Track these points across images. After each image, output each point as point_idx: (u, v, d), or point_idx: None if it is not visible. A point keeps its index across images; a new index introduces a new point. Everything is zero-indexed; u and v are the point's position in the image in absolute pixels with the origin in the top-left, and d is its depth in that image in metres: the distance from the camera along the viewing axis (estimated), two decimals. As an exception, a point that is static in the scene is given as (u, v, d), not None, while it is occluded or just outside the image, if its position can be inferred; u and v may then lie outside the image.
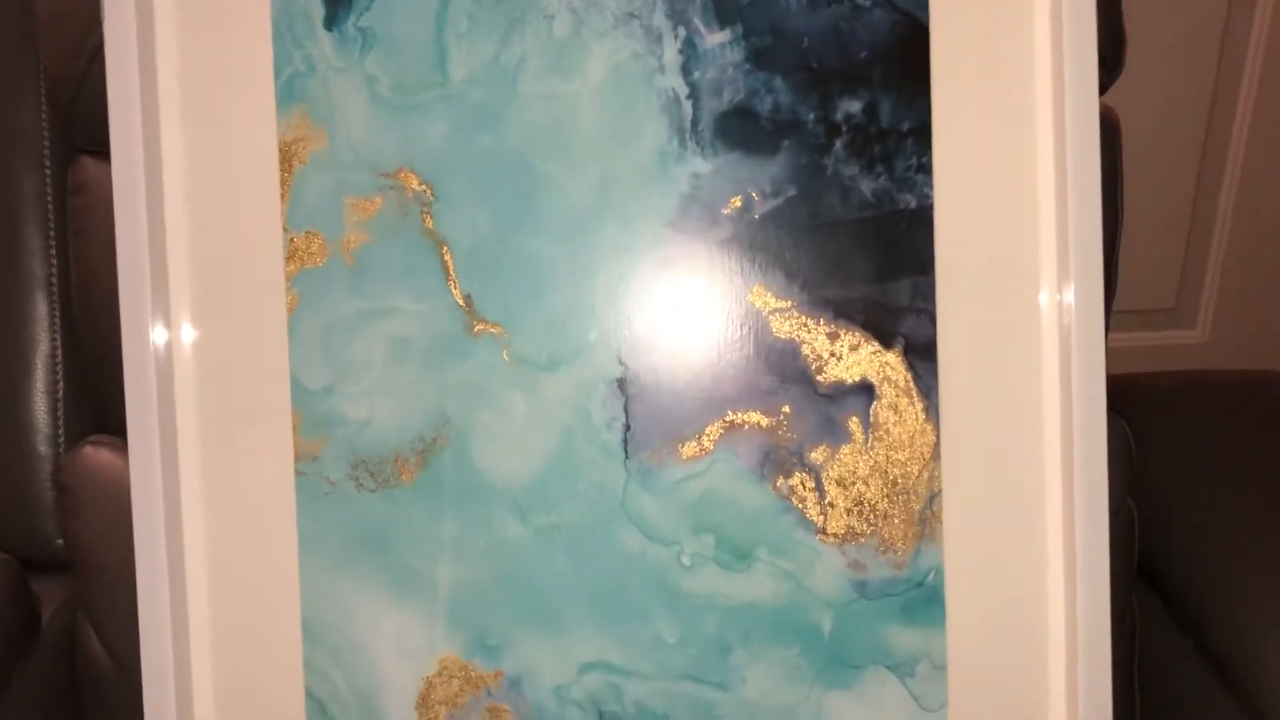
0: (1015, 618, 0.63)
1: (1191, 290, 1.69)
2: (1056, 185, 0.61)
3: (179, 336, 0.63)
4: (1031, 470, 0.62)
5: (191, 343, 0.64)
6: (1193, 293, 1.69)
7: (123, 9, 0.61)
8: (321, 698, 0.64)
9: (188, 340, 0.63)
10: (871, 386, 0.63)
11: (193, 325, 0.64)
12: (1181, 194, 1.61)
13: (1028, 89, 0.62)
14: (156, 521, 0.62)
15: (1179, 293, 1.69)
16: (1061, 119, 0.60)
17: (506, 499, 0.63)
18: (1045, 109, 0.62)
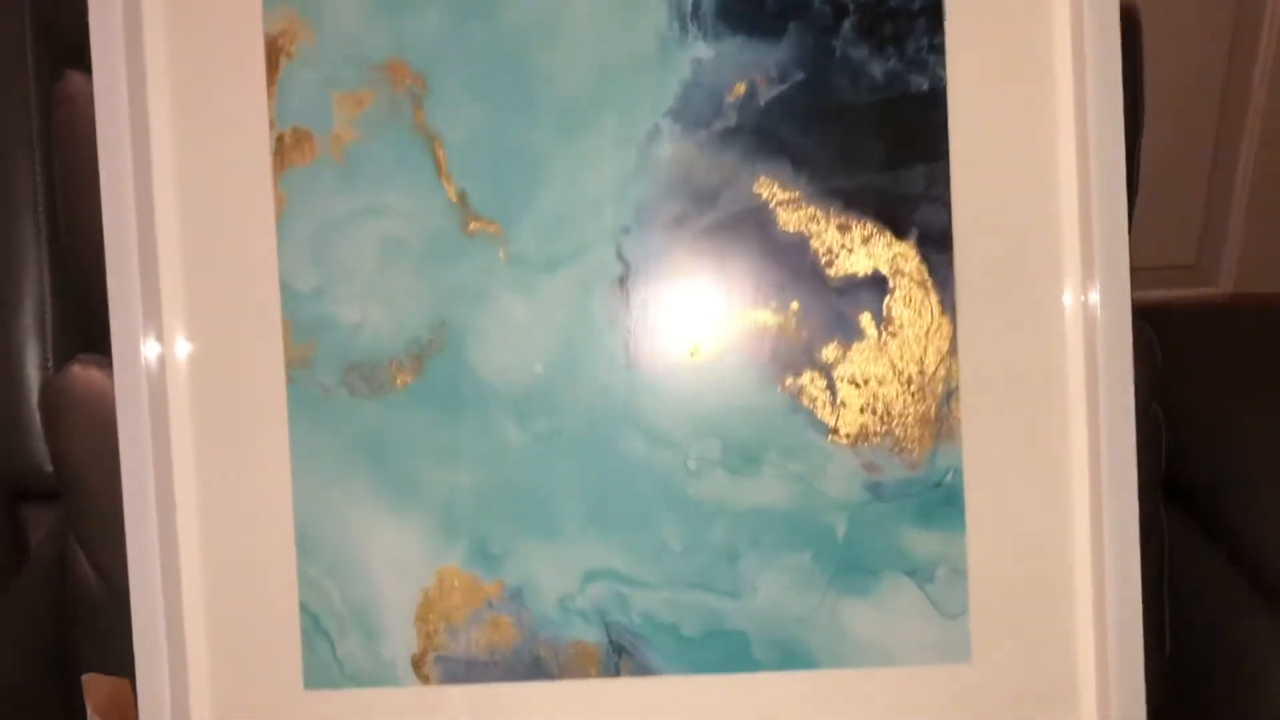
0: (1038, 520, 0.60)
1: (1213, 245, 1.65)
2: (1074, 62, 0.58)
3: (169, 237, 0.61)
4: (1054, 363, 0.60)
5: (177, 229, 0.61)
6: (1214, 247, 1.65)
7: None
8: (316, 612, 0.62)
9: (171, 227, 0.61)
10: (884, 280, 0.60)
11: (180, 227, 0.61)
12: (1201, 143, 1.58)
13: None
14: (143, 436, 0.60)
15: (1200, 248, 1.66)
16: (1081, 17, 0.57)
17: (505, 404, 0.61)
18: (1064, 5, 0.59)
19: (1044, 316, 0.60)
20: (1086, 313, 0.58)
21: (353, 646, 0.62)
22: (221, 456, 0.62)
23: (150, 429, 0.60)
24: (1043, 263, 0.59)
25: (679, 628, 0.61)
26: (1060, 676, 0.60)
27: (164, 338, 0.61)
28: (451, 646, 0.61)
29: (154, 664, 0.60)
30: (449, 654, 0.61)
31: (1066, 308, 0.59)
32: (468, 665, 0.61)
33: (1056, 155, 0.59)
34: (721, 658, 0.61)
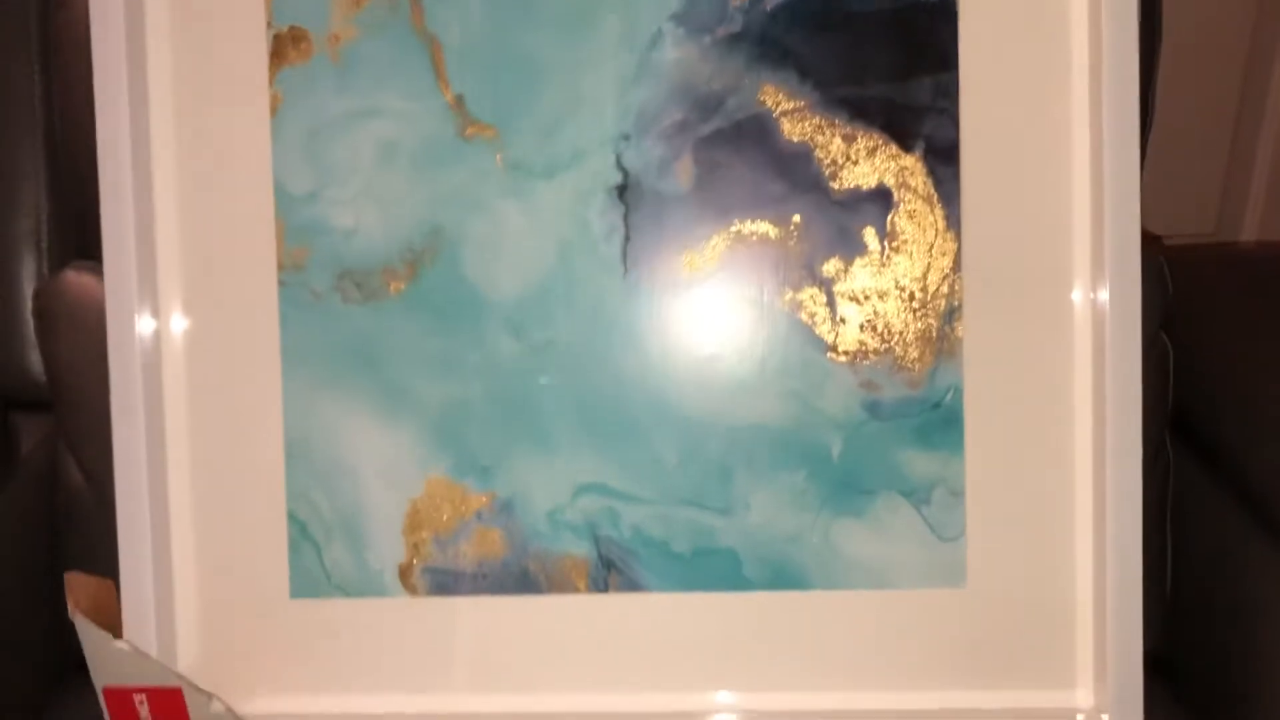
0: (1039, 442, 0.59)
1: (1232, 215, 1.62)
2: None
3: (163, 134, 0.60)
4: (1061, 286, 0.58)
5: (174, 142, 0.60)
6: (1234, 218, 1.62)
7: None
8: (303, 521, 0.61)
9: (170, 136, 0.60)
10: (889, 193, 0.59)
11: (174, 123, 0.60)
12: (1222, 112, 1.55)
13: None
14: (131, 339, 0.59)
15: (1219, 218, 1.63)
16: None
17: (499, 314, 0.60)
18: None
19: (1051, 232, 0.58)
20: (1095, 230, 0.57)
21: (340, 556, 0.61)
22: (212, 360, 0.61)
23: (139, 332, 0.59)
24: (1052, 177, 0.58)
25: (669, 544, 0.60)
26: (1057, 602, 0.59)
27: (156, 237, 0.60)
28: (439, 558, 0.61)
29: (139, 568, 0.59)
30: (437, 565, 0.61)
31: (1074, 224, 0.58)
32: (455, 577, 0.61)
33: (1070, 68, 0.58)
34: (712, 576, 0.60)
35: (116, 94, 0.58)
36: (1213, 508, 0.65)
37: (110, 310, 0.58)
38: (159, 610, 0.60)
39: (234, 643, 0.61)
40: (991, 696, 0.59)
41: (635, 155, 0.59)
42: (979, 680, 0.59)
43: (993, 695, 0.59)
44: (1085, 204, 0.58)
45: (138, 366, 0.59)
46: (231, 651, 0.61)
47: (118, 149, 0.58)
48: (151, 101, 0.60)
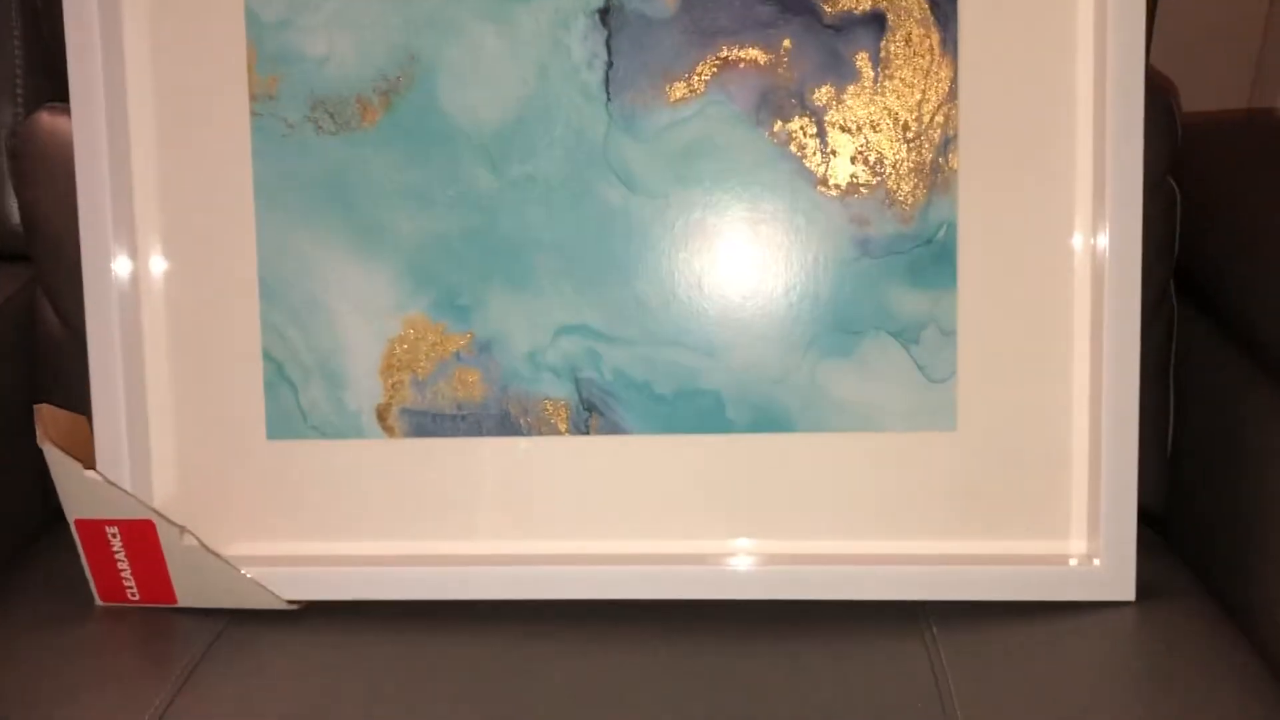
0: (1035, 281, 0.56)
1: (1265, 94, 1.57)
2: None
3: None
4: (1061, 116, 0.55)
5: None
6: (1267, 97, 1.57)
7: None
8: (279, 360, 0.60)
9: None
10: (883, 16, 0.56)
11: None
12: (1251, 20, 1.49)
13: None
14: (102, 172, 0.57)
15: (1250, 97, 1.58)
16: None
17: (476, 146, 0.58)
18: None
19: (1052, 57, 0.55)
20: (1099, 74, 0.54)
21: (317, 397, 0.60)
22: (184, 193, 0.60)
23: (110, 167, 0.57)
24: (1055, 6, 0.55)
25: (651, 386, 0.58)
26: (1051, 448, 0.57)
27: (126, 65, 0.58)
28: (417, 399, 0.59)
29: (113, 405, 0.58)
30: (415, 407, 0.59)
31: (1078, 46, 0.55)
32: (434, 419, 0.59)
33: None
34: (694, 417, 0.58)
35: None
36: (1217, 360, 0.63)
37: (77, 138, 0.57)
38: (132, 449, 0.59)
39: (210, 483, 0.60)
40: (983, 543, 0.58)
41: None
42: (970, 526, 0.58)
43: (984, 542, 0.58)
44: (1089, 42, 0.55)
45: (108, 199, 0.58)
46: (207, 492, 0.60)
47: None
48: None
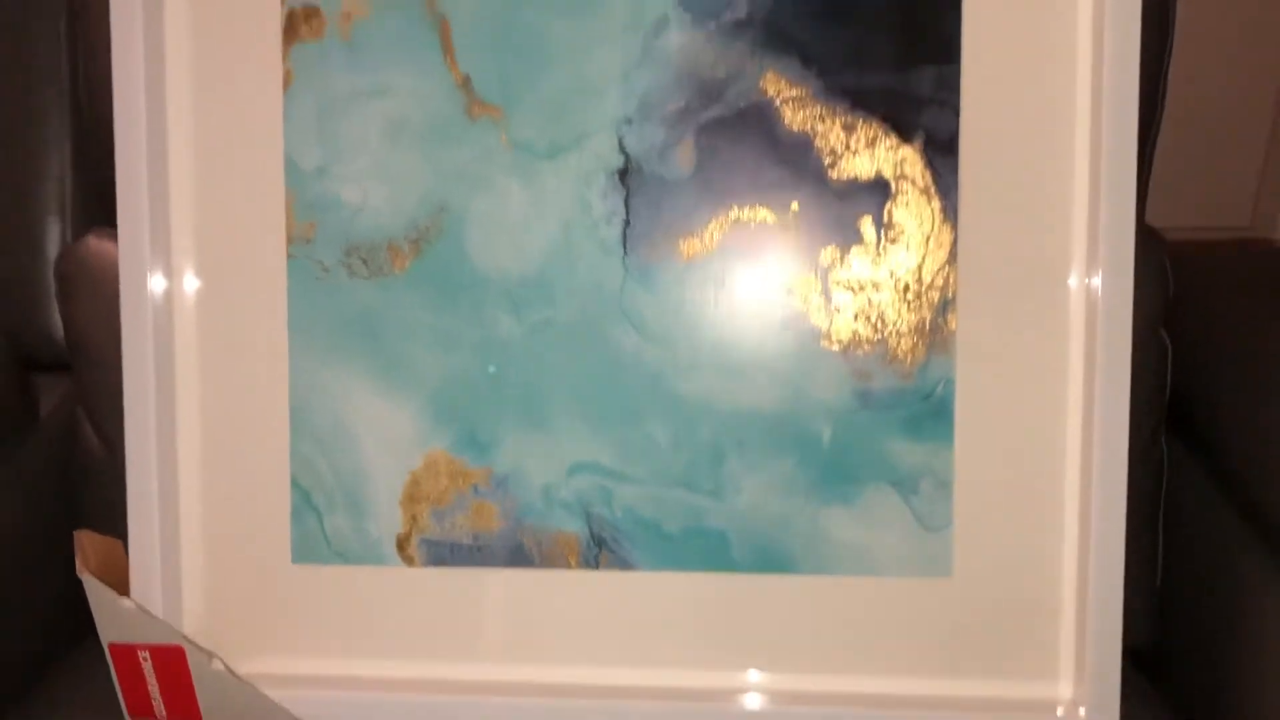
0: (1028, 436, 0.59)
1: (1268, 209, 1.60)
2: None
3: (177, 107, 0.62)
4: (1056, 280, 0.58)
5: (189, 100, 0.62)
6: (1269, 212, 1.60)
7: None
8: (306, 488, 0.63)
9: (185, 108, 0.62)
10: (887, 184, 0.59)
11: (190, 94, 0.62)
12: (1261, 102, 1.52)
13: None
14: (145, 309, 0.61)
15: (1254, 211, 1.61)
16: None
17: (501, 292, 0.61)
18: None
19: (1049, 227, 0.58)
20: (1092, 230, 0.57)
21: (341, 524, 0.63)
22: (221, 327, 0.63)
23: (151, 292, 0.61)
24: (1052, 172, 0.58)
25: (660, 524, 0.61)
26: (1042, 595, 0.59)
27: (170, 206, 0.62)
28: (436, 530, 0.62)
29: (146, 529, 0.61)
30: (434, 537, 0.62)
31: (1073, 218, 0.58)
32: (451, 549, 0.62)
33: (1074, 60, 0.57)
34: (700, 556, 0.61)
35: (133, 68, 0.59)
36: (1207, 507, 0.65)
37: (123, 271, 0.60)
38: (165, 571, 0.62)
39: (237, 605, 0.63)
40: (973, 685, 0.60)
41: (637, 139, 0.60)
42: (961, 669, 0.60)
43: (975, 684, 0.60)
44: (1084, 199, 0.58)
45: (150, 328, 0.61)
46: (234, 613, 0.63)
47: (134, 123, 0.59)
48: (168, 75, 0.61)
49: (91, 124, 0.73)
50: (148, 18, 0.60)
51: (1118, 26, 0.55)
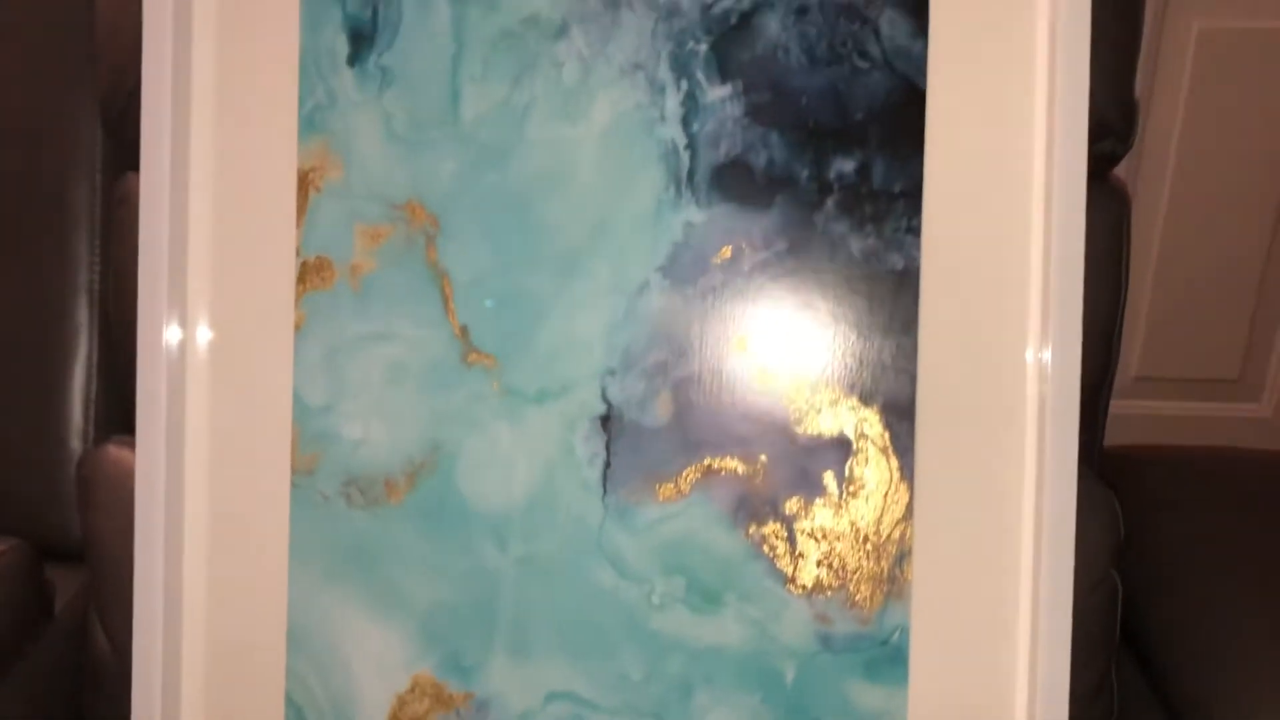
0: (980, 685, 0.63)
1: (1257, 362, 1.64)
2: (1043, 255, 0.61)
3: (194, 336, 0.67)
4: (1005, 536, 0.62)
5: (206, 344, 0.67)
6: (1258, 365, 1.64)
7: (161, 42, 0.65)
8: (300, 704, 0.66)
9: (202, 341, 0.67)
10: (849, 442, 0.63)
11: (209, 328, 0.67)
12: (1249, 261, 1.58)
13: (1025, 160, 0.62)
14: (157, 515, 0.65)
15: (1243, 364, 1.65)
16: (1051, 199, 0.61)
17: (488, 526, 0.66)
18: (1040, 181, 0.62)
19: (1001, 490, 0.62)
20: (1038, 487, 0.61)
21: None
22: (228, 550, 0.67)
23: (165, 515, 0.65)
24: (1004, 439, 0.62)
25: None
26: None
27: (186, 437, 0.67)
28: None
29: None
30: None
31: (1025, 482, 0.62)
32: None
33: (1025, 337, 0.62)
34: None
35: (157, 300, 0.64)
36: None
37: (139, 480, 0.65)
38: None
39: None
40: None
41: (619, 389, 0.65)
42: None
43: None
44: (1033, 467, 0.62)
45: (161, 549, 0.65)
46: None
47: (155, 369, 0.64)
48: (189, 308, 0.66)
49: (118, 335, 0.78)
50: (173, 263, 0.65)
51: (1061, 297, 0.60)
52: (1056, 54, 0.60)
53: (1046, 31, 0.62)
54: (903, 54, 0.62)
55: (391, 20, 0.65)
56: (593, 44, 0.64)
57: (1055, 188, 0.61)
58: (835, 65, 0.63)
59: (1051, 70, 0.61)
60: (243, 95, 0.67)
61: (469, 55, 0.65)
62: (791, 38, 0.63)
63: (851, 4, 0.62)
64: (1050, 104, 0.61)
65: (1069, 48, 0.59)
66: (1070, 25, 0.60)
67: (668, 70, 0.64)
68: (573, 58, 0.64)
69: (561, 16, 0.64)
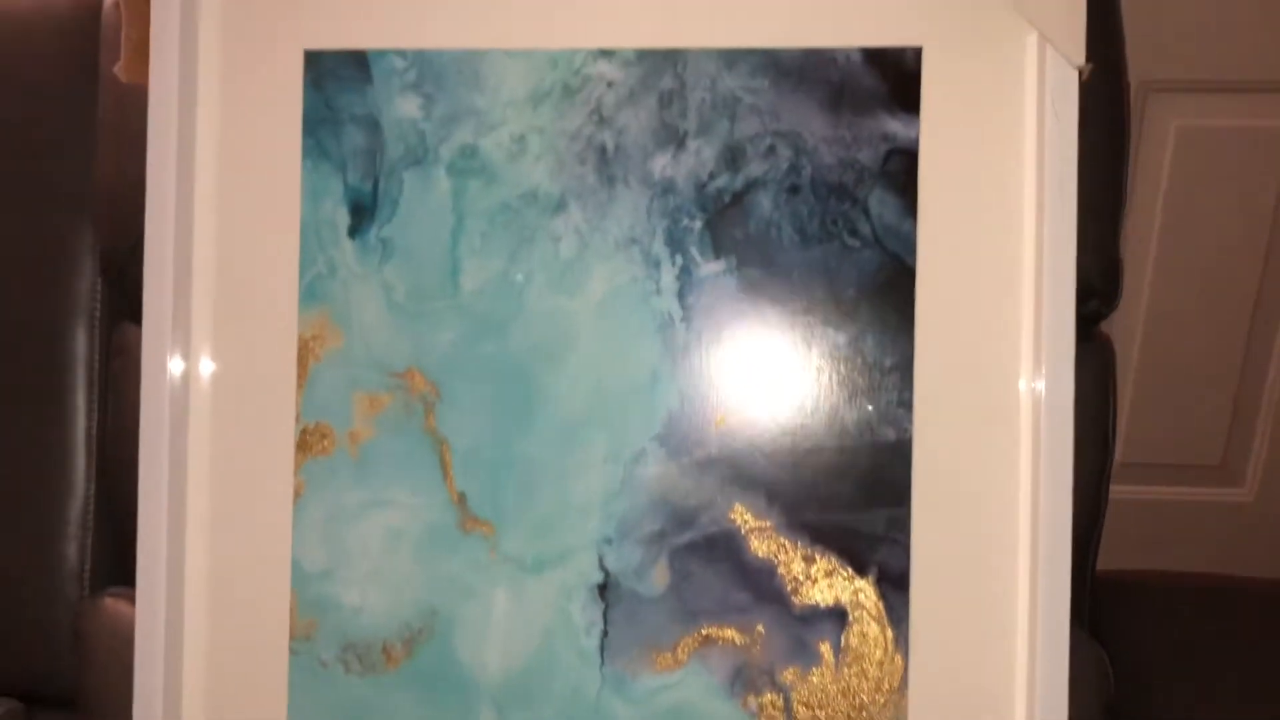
0: None
1: (1239, 447, 1.66)
2: (1033, 426, 0.63)
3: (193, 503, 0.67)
4: (999, 710, 0.63)
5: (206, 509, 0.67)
6: (1240, 450, 1.66)
7: (164, 208, 0.66)
8: None
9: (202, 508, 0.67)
10: (844, 611, 0.64)
11: (208, 497, 0.68)
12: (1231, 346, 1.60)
13: (1012, 337, 0.64)
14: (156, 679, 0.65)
15: (1226, 449, 1.66)
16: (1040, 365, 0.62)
17: (485, 693, 0.66)
18: (1028, 352, 0.64)
19: (995, 663, 0.63)
20: (1033, 661, 0.62)
21: None
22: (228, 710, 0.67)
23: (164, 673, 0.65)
24: (998, 609, 0.63)
25: None
26: None
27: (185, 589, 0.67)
28: None
29: None
30: None
31: (1018, 652, 0.63)
32: None
33: (1018, 502, 0.63)
34: None
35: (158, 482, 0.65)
36: None
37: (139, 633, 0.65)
38: None
39: None
40: None
41: (616, 558, 0.65)
42: None
43: None
44: (1025, 632, 0.63)
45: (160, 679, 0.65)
46: None
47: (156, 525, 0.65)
48: (189, 495, 0.67)
49: (115, 487, 0.78)
50: (173, 429, 0.66)
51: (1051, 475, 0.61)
52: (1044, 229, 0.61)
53: (1034, 208, 0.63)
54: (892, 232, 0.64)
55: (392, 194, 0.67)
56: (590, 219, 0.66)
57: (1045, 357, 0.62)
58: (826, 243, 0.64)
59: (1039, 244, 0.63)
60: (243, 265, 0.68)
61: (468, 229, 0.66)
62: (783, 216, 0.64)
63: (842, 184, 0.64)
64: (1038, 276, 0.63)
65: (1055, 223, 0.61)
66: (1057, 203, 0.62)
67: (663, 245, 0.65)
68: (570, 232, 0.66)
69: (560, 192, 0.66)
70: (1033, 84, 0.63)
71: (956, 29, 0.63)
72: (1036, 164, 0.63)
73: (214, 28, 0.67)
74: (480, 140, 0.66)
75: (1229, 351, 1.59)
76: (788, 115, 0.64)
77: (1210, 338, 1.59)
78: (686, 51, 0.65)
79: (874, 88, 0.64)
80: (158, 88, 0.66)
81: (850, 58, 0.64)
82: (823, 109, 0.64)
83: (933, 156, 0.64)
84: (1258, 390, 1.58)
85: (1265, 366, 1.55)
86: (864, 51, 0.64)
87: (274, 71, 0.67)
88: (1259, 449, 1.64)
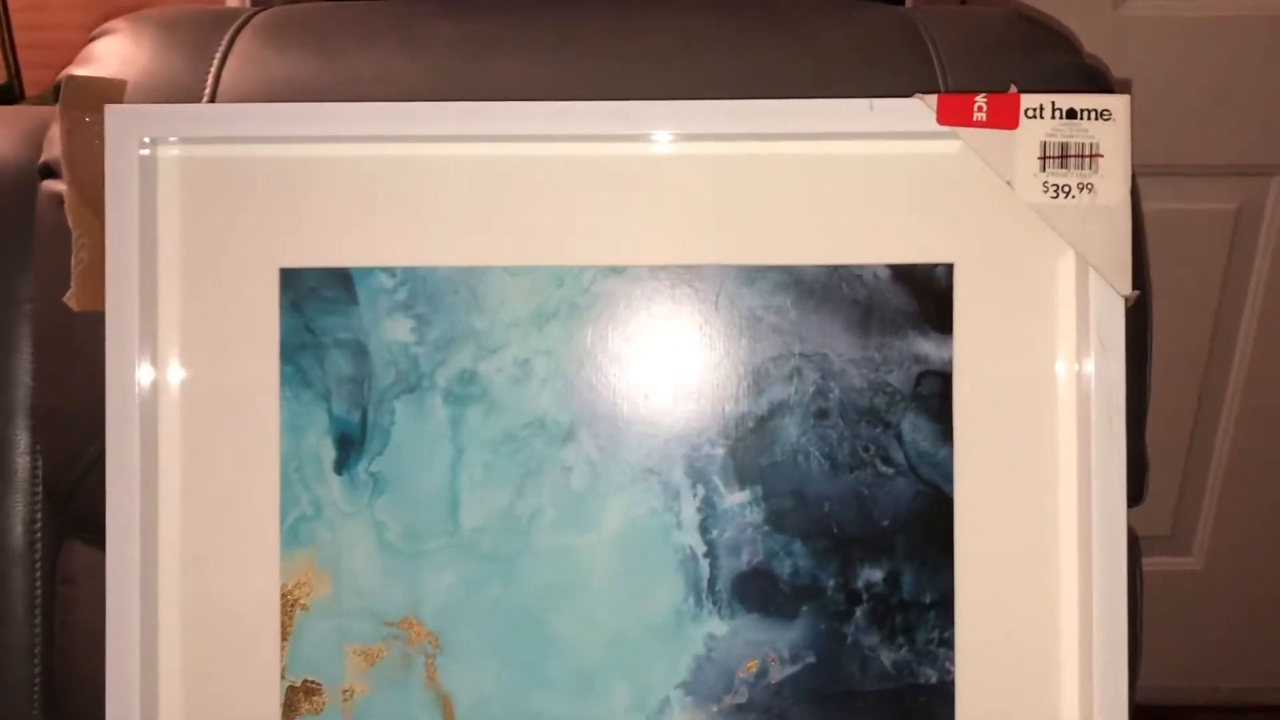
0: None
1: (1188, 518, 1.68)
2: (1080, 668, 0.59)
3: None
4: None
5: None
6: (1189, 521, 1.68)
7: (128, 438, 0.59)
8: None
9: None
10: None
11: None
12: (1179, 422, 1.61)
13: (1052, 558, 0.61)
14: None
15: (1175, 520, 1.69)
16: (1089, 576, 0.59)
17: None
18: (1071, 580, 0.60)
19: None
20: None
21: None
22: None
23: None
24: None
25: None
26: None
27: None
28: None
29: None
30: None
31: None
32: None
33: None
34: None
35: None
36: None
37: None
38: None
39: None
40: None
41: (641, 818, 0.60)
42: None
43: None
44: None
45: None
46: None
47: None
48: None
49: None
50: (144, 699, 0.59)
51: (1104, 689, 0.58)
52: (1091, 466, 0.58)
53: (1074, 427, 0.60)
54: (927, 459, 0.60)
55: (382, 424, 0.61)
56: (603, 447, 0.60)
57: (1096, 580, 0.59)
58: (858, 470, 0.60)
59: (1083, 464, 0.60)
60: (215, 507, 0.61)
61: (469, 460, 0.61)
62: (811, 442, 0.60)
63: (873, 408, 0.60)
64: (1082, 498, 0.59)
65: (1104, 464, 0.58)
66: (1105, 440, 0.58)
67: (682, 474, 0.61)
68: (581, 461, 0.61)
69: (569, 420, 0.60)
70: (1067, 300, 0.60)
71: (989, 245, 0.60)
72: (1076, 386, 0.60)
73: (173, 244, 0.61)
74: (480, 365, 0.61)
75: (1178, 426, 1.61)
76: (812, 335, 0.60)
77: (1160, 413, 1.60)
78: (703, 267, 0.60)
79: (904, 306, 0.60)
80: (114, 317, 0.59)
81: (877, 274, 0.60)
82: (849, 328, 0.60)
83: (967, 378, 0.60)
84: (1204, 463, 1.61)
85: (1212, 440, 1.57)
86: (892, 268, 0.60)
87: (247, 292, 0.61)
88: (1205, 519, 1.66)
